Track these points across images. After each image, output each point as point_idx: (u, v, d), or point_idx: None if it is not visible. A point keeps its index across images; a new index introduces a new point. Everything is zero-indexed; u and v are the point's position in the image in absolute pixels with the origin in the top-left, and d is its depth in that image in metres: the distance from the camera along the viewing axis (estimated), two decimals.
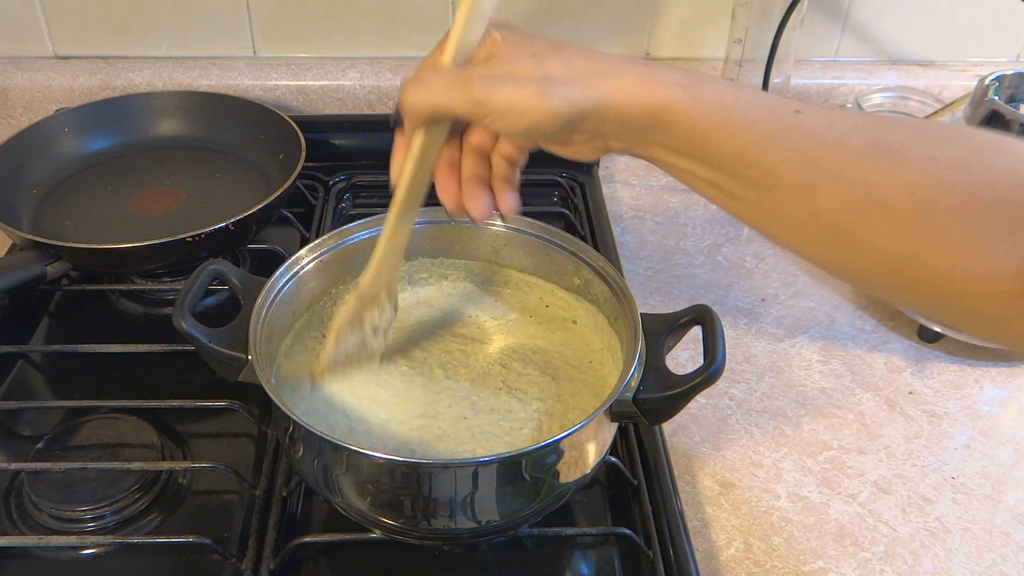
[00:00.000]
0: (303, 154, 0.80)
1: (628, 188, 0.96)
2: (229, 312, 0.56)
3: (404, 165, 0.48)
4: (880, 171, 0.40)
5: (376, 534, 0.55)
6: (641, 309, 0.55)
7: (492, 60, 0.45)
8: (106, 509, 0.58)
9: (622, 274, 0.60)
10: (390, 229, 0.52)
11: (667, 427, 0.66)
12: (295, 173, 0.78)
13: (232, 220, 0.71)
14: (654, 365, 0.53)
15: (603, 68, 0.43)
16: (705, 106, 0.42)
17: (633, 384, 0.51)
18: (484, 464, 0.49)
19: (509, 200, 0.49)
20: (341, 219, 0.88)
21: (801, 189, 0.42)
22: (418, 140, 0.47)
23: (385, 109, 1.00)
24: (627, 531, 0.57)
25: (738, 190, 0.44)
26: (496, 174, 0.49)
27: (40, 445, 0.61)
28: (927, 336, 0.75)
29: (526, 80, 0.43)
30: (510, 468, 0.49)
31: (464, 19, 0.44)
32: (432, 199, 0.54)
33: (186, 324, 0.53)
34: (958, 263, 0.40)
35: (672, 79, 0.43)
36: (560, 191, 0.92)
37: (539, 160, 1.04)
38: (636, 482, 0.61)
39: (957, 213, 0.39)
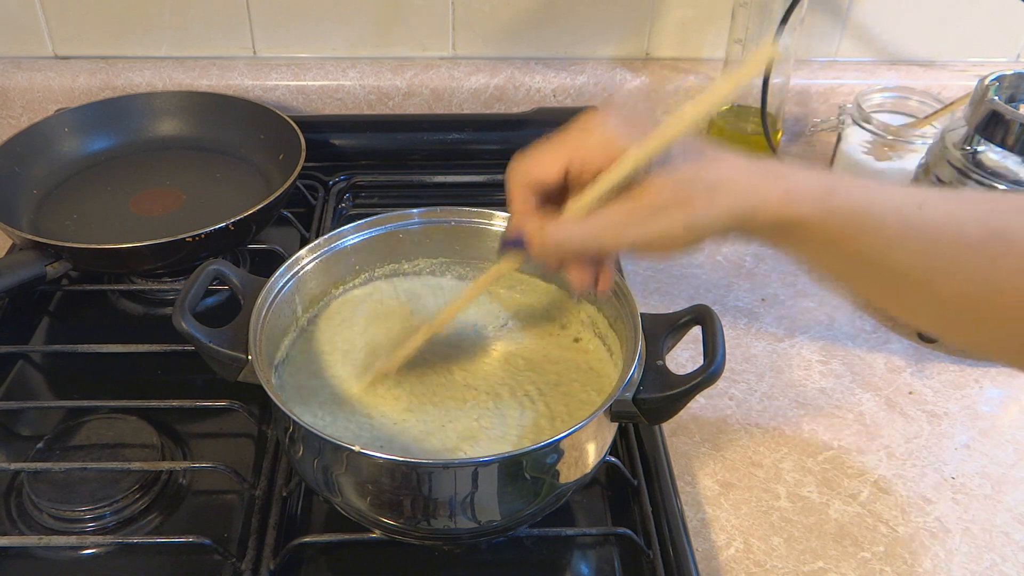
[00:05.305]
0: (303, 154, 0.80)
1: None
2: (229, 312, 0.56)
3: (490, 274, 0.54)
4: (990, 261, 0.43)
5: (376, 534, 0.55)
6: (641, 309, 0.55)
7: (629, 191, 0.45)
8: (106, 509, 0.58)
9: (622, 274, 0.60)
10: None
11: (667, 427, 0.66)
12: (295, 173, 0.78)
13: (232, 220, 0.71)
14: (654, 365, 0.53)
15: (740, 181, 0.45)
16: (838, 219, 0.44)
17: (633, 384, 0.52)
18: (484, 464, 0.49)
19: (609, 281, 0.51)
20: (341, 219, 0.88)
21: (921, 281, 0.45)
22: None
23: (385, 109, 1.00)
24: (627, 531, 0.57)
25: (860, 282, 0.48)
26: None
27: (40, 445, 0.61)
28: (927, 336, 0.75)
29: (669, 211, 0.44)
30: (510, 468, 0.49)
31: (617, 176, 0.45)
32: (442, 202, 0.52)
33: (186, 324, 0.53)
34: None
35: (808, 193, 0.44)
36: None
37: None
38: (636, 482, 0.61)
39: None
